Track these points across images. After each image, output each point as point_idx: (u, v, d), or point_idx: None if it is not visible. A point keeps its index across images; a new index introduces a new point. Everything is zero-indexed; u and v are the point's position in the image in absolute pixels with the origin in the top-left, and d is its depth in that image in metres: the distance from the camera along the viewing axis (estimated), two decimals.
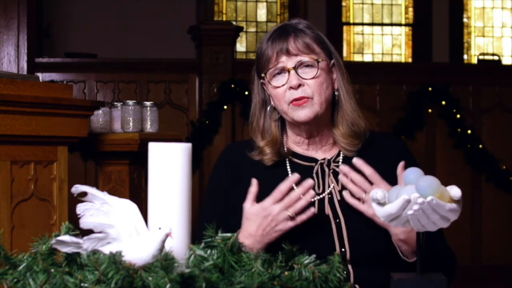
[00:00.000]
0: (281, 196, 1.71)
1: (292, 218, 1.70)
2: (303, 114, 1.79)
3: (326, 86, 1.81)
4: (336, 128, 1.86)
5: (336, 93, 1.86)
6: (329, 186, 1.83)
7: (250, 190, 1.74)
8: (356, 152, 1.85)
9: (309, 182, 1.72)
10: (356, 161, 1.78)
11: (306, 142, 1.88)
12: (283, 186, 1.72)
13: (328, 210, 1.80)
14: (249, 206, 1.73)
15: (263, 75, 1.83)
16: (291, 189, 1.73)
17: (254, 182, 1.74)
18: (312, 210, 1.71)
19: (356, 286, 1.73)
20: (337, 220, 1.79)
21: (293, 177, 1.73)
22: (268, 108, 1.87)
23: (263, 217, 1.71)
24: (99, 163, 3.61)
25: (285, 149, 1.88)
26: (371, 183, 1.75)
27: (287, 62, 1.80)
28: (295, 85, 1.78)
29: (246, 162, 1.87)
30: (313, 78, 1.79)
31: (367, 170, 1.76)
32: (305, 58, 1.80)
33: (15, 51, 4.50)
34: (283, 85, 1.80)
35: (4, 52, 4.50)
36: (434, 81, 5.75)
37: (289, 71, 1.79)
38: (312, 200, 1.79)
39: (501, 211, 5.84)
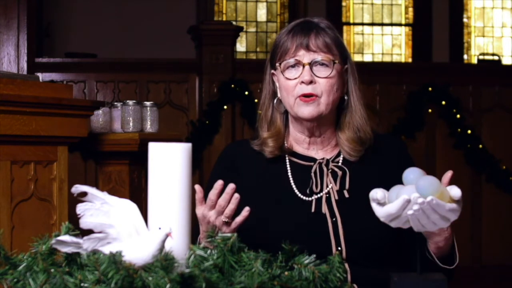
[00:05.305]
0: (212, 203, 1.69)
1: (227, 223, 1.68)
2: (307, 111, 1.81)
3: (336, 89, 1.83)
4: (341, 132, 1.88)
5: (345, 97, 1.88)
6: (327, 186, 1.83)
7: (196, 197, 1.70)
8: (358, 157, 1.86)
9: (230, 186, 1.68)
10: None
11: (307, 141, 1.89)
12: (211, 194, 1.69)
13: (325, 208, 1.81)
14: (198, 212, 1.72)
15: (277, 64, 1.85)
16: (220, 194, 1.69)
17: (198, 189, 1.70)
18: (247, 209, 1.67)
19: (355, 285, 1.74)
20: (334, 219, 1.80)
21: (217, 184, 1.69)
22: (275, 100, 1.89)
23: (206, 223, 1.71)
24: (99, 163, 3.61)
25: (286, 145, 1.90)
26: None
27: (304, 57, 1.82)
28: (307, 81, 1.80)
29: (245, 158, 1.89)
30: (326, 77, 1.81)
31: None
32: (322, 57, 1.82)
33: (15, 51, 4.50)
34: (295, 78, 1.82)
35: (4, 52, 4.50)
36: (434, 81, 5.75)
37: (304, 66, 1.81)
38: (310, 199, 1.81)
39: (501, 211, 5.83)
